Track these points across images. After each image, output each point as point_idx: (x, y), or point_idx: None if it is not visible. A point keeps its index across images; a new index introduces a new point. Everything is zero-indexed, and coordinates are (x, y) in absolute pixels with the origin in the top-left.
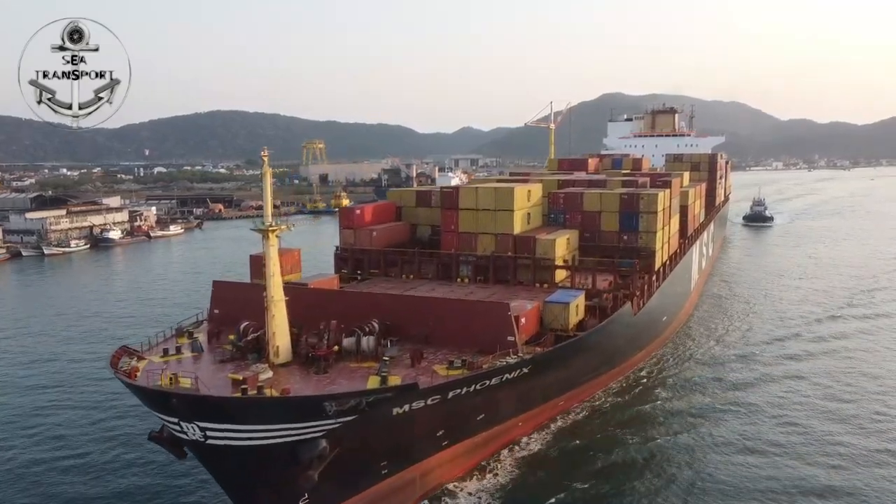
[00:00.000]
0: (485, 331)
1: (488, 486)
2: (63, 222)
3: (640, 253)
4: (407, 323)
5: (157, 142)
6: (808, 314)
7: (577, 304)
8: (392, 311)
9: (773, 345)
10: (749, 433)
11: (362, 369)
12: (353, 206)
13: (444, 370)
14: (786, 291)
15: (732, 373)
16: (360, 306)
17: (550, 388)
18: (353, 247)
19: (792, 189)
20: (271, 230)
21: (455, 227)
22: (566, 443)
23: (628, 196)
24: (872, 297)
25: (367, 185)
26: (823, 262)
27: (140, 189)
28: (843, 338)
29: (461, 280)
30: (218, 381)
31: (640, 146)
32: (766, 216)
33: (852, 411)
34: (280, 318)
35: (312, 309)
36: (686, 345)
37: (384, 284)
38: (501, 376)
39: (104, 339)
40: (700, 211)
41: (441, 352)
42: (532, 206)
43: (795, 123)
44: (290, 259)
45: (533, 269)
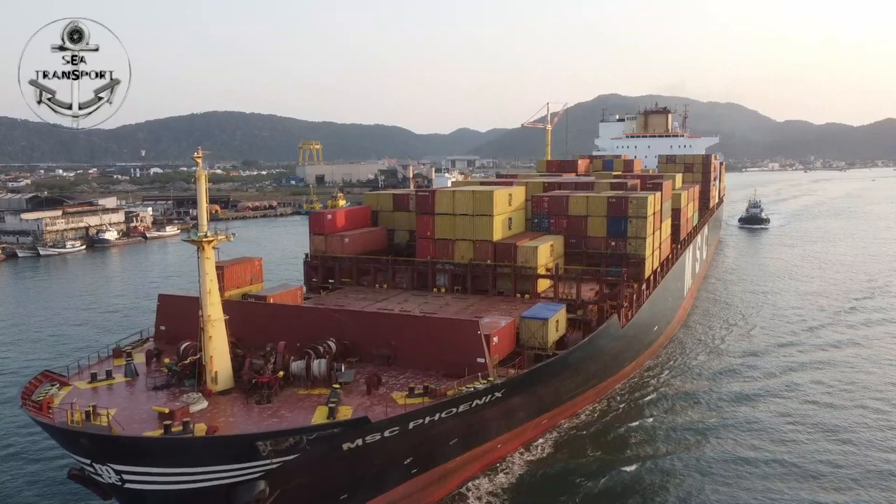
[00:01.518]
0: (453, 351)
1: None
2: (59, 223)
3: (629, 260)
4: (368, 342)
5: (153, 142)
6: (806, 321)
7: (558, 318)
8: (351, 328)
9: (769, 354)
10: (745, 451)
11: (311, 398)
12: (323, 210)
13: (404, 398)
14: (782, 296)
15: (727, 385)
16: (315, 323)
17: (532, 406)
18: (323, 254)
19: (788, 190)
20: (207, 241)
21: (431, 233)
22: (551, 463)
23: (616, 199)
24: (872, 302)
25: (364, 186)
26: (821, 266)
27: (136, 190)
28: (844, 346)
29: (437, 290)
30: (142, 415)
31: (632, 147)
32: (762, 218)
33: (857, 429)
34: (218, 340)
35: (262, 327)
36: (678, 355)
37: (354, 295)
38: (471, 402)
39: (65, 353)
40: (693, 214)
41: (405, 374)
42: (514, 210)
43: (791, 125)
44: (250, 269)
45: (513, 279)
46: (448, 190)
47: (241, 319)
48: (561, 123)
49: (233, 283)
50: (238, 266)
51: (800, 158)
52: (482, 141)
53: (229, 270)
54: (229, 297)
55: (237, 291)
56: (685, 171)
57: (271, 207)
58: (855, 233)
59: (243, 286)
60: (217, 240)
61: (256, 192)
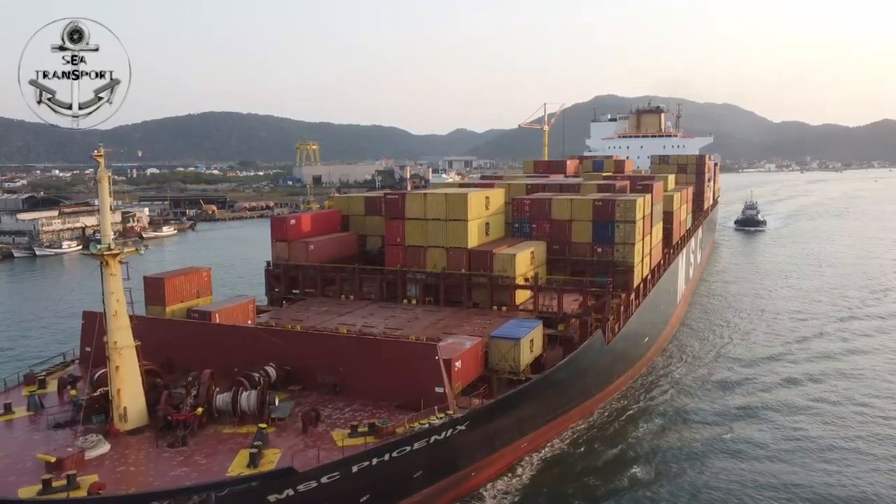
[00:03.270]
0: (408, 379)
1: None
2: (55, 223)
3: (616, 268)
4: (313, 367)
5: (149, 143)
6: (805, 328)
7: (533, 337)
8: (295, 351)
9: (766, 365)
10: (743, 477)
11: (237, 437)
12: (287, 214)
13: (344, 438)
14: (780, 301)
15: (722, 400)
16: (255, 345)
17: (509, 431)
18: (286, 262)
19: (785, 191)
20: (111, 255)
21: (401, 239)
22: (534, 489)
23: (602, 203)
24: (877, 309)
25: (361, 187)
26: (819, 269)
27: (133, 190)
28: (847, 355)
29: (408, 301)
30: (27, 464)
31: (624, 147)
32: (759, 220)
33: (866, 448)
34: (127, 371)
35: (194, 350)
36: (671, 366)
37: (317, 307)
38: (428, 438)
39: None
40: (687, 216)
41: (352, 406)
42: (491, 214)
43: (788, 125)
44: (196, 280)
45: (489, 290)
46: (419, 193)
47: (170, 342)
48: (558, 124)
49: (176, 297)
50: (182, 278)
51: (796, 159)
52: (480, 141)
53: (171, 283)
54: (172, 312)
55: (181, 306)
56: (678, 171)
57: (268, 208)
58: (854, 233)
59: (188, 300)
60: (124, 253)
61: (253, 192)
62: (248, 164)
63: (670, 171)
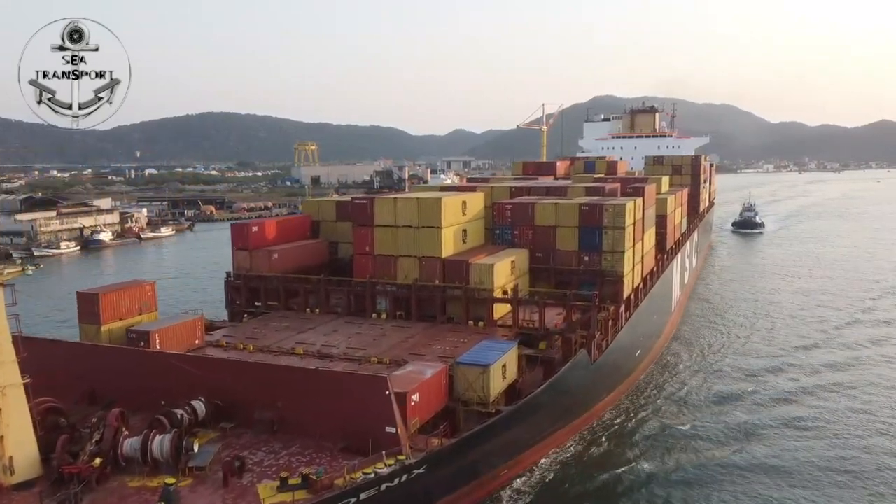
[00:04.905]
0: (355, 417)
1: None
2: (53, 224)
3: (604, 278)
4: (250, 400)
5: (148, 143)
6: (804, 336)
7: (506, 362)
8: (229, 382)
9: (767, 377)
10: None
11: (144, 493)
12: (249, 220)
13: (272, 493)
14: (779, 308)
15: (722, 417)
16: (181, 375)
17: (479, 464)
18: (247, 272)
19: (784, 191)
20: None
21: (370, 248)
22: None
23: (589, 207)
24: (882, 314)
25: (360, 187)
26: (819, 273)
27: (131, 191)
28: (850, 368)
29: (377, 316)
30: None
31: (617, 148)
32: (757, 222)
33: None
34: (14, 414)
35: (116, 379)
36: (664, 381)
37: (277, 322)
38: (378, 487)
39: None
40: (681, 220)
41: (289, 450)
42: (469, 220)
43: (786, 126)
44: (138, 295)
45: (465, 303)
46: (388, 197)
47: (93, 369)
48: (557, 125)
49: (114, 314)
50: (121, 293)
51: (794, 160)
52: (478, 142)
53: (108, 299)
54: (109, 332)
55: (120, 325)
56: (673, 172)
57: (266, 208)
58: (855, 234)
59: (129, 317)
60: (5, 275)
61: (252, 192)
62: (246, 165)
63: (665, 172)
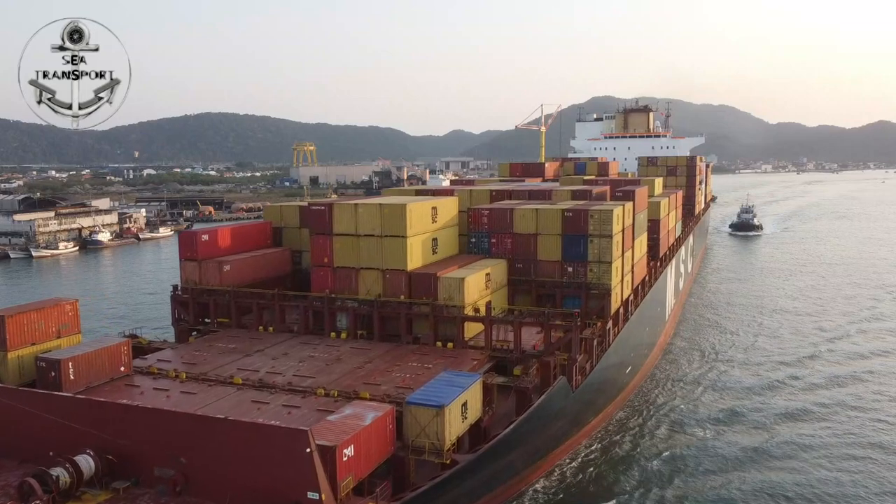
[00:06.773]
0: (272, 477)
1: None
2: (51, 224)
3: (590, 291)
4: (147, 455)
5: (146, 144)
6: (804, 345)
7: (466, 399)
8: (125, 431)
9: (767, 393)
10: None
11: None
12: (197, 229)
13: None
14: (778, 315)
15: (720, 437)
16: (66, 422)
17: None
18: (196, 286)
19: (782, 192)
20: None
21: (328, 259)
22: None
23: (573, 213)
24: (882, 324)
25: (358, 188)
26: (818, 275)
27: (129, 191)
28: (853, 382)
29: (336, 335)
30: None
31: (610, 149)
32: (755, 224)
33: None
34: None
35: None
36: (658, 398)
37: (224, 343)
38: None
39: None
40: (676, 224)
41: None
42: (440, 228)
43: (784, 127)
44: (56, 316)
45: (433, 322)
46: (349, 203)
47: None
48: (555, 125)
49: (24, 338)
50: (34, 314)
51: (792, 160)
52: (476, 142)
53: (16, 321)
54: (19, 359)
55: (31, 350)
56: (667, 174)
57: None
58: (855, 238)
59: (43, 341)
60: None
61: (250, 193)
62: (244, 165)
63: (659, 173)
